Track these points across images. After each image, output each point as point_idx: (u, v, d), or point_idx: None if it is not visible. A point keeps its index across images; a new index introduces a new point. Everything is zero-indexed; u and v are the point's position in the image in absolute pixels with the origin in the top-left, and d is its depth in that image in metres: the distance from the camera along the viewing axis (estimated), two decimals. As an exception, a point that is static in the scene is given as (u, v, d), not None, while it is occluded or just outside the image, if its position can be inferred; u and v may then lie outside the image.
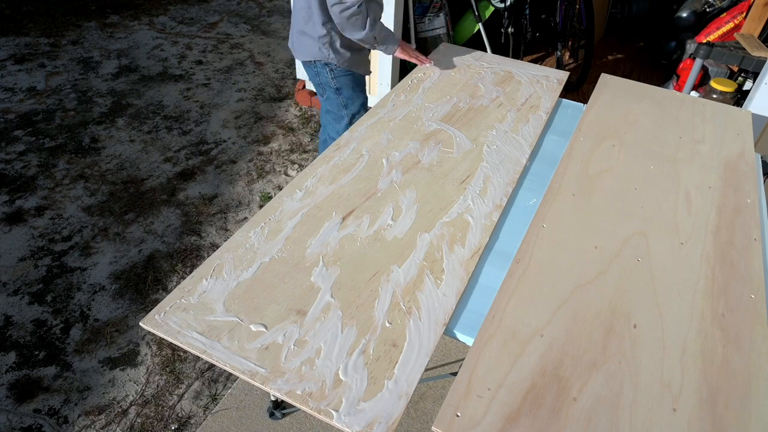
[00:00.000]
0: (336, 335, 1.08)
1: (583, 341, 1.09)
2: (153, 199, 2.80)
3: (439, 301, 1.16)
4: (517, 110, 1.83)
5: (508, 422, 0.94)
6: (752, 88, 2.63)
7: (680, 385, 1.02)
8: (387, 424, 0.93)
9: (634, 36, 4.44)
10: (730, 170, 1.62)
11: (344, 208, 1.39)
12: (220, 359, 1.02)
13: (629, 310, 1.16)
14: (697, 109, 1.92)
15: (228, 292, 1.16)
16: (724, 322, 1.15)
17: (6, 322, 2.16)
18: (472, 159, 1.59)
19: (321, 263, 1.23)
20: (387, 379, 1.00)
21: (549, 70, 2.10)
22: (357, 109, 2.18)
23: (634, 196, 1.49)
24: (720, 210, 1.46)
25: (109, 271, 2.39)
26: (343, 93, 2.11)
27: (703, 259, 1.30)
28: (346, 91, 2.10)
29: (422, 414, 1.86)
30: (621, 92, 1.98)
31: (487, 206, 1.42)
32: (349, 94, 2.12)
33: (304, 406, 0.96)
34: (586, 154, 1.64)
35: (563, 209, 1.43)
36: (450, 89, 1.93)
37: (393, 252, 1.27)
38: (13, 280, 2.33)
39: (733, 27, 3.19)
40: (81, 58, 4.10)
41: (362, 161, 1.56)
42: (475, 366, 1.03)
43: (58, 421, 1.85)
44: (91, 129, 3.33)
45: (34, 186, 2.85)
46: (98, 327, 2.15)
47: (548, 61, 4.00)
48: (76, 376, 1.99)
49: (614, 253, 1.30)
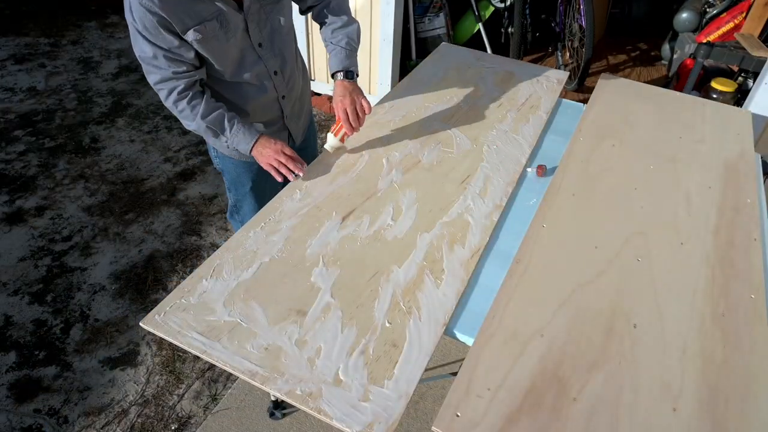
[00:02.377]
0: (336, 335, 1.08)
1: (583, 341, 1.09)
2: (153, 199, 2.80)
3: (439, 301, 1.16)
4: (517, 110, 1.83)
5: (508, 422, 0.94)
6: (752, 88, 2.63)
7: (680, 385, 1.02)
8: (387, 424, 0.93)
9: (634, 36, 4.44)
10: (730, 170, 1.62)
11: (344, 208, 1.39)
12: (220, 359, 1.02)
13: (629, 310, 1.16)
14: (697, 109, 1.92)
15: (228, 292, 1.15)
16: (724, 322, 1.15)
17: (6, 322, 2.16)
18: (472, 159, 1.59)
19: (321, 263, 1.23)
20: (387, 379, 1.00)
21: (549, 70, 2.10)
22: (240, 197, 1.80)
23: (634, 196, 1.49)
24: (720, 210, 1.46)
25: (109, 271, 2.39)
26: (226, 176, 1.78)
27: (703, 259, 1.30)
28: (228, 175, 1.76)
29: (422, 414, 1.86)
30: (621, 92, 1.98)
31: (487, 206, 1.42)
32: (231, 179, 1.76)
33: (304, 406, 0.96)
34: (586, 154, 1.64)
35: (563, 209, 1.43)
36: (450, 89, 1.93)
37: (393, 252, 1.27)
38: (13, 280, 2.33)
39: (733, 27, 3.19)
40: (81, 58, 4.10)
41: (362, 161, 1.56)
42: (475, 366, 1.03)
43: (58, 421, 1.85)
44: (91, 129, 3.33)
45: (34, 186, 2.85)
46: (98, 327, 2.15)
47: (548, 61, 4.00)
48: (76, 376, 1.98)
49: (614, 253, 1.30)
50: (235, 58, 1.43)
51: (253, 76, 1.48)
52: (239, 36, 1.39)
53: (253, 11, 1.39)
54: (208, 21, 1.31)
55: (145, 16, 1.24)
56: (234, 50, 1.41)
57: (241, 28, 1.39)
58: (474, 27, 3.61)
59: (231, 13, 1.34)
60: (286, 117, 1.64)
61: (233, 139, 1.45)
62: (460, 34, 3.69)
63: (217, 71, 1.43)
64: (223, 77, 1.45)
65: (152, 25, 1.26)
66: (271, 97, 1.56)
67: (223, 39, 1.36)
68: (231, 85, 1.49)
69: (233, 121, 1.44)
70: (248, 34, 1.41)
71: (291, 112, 1.66)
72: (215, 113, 1.42)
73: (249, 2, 1.36)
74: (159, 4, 1.22)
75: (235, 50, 1.41)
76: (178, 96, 1.38)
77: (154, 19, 1.24)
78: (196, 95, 1.40)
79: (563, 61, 3.76)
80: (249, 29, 1.40)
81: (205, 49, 1.35)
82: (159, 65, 1.34)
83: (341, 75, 1.53)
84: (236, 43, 1.40)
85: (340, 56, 1.54)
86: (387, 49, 3.11)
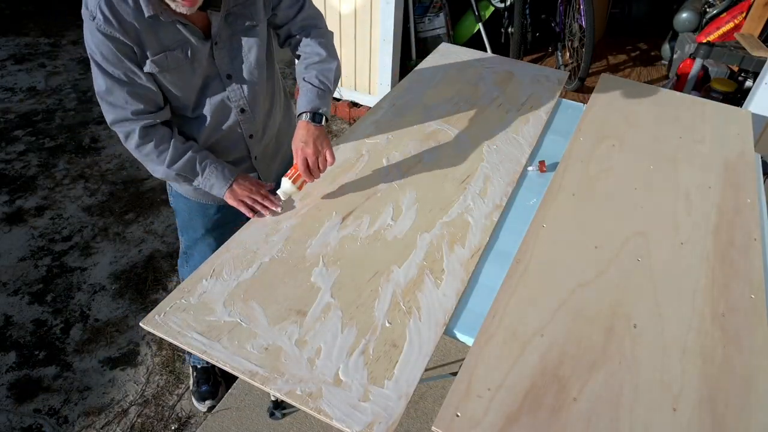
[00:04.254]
0: (336, 335, 1.08)
1: (583, 341, 1.09)
2: (153, 199, 2.80)
3: (439, 301, 1.16)
4: (517, 110, 1.83)
5: (508, 422, 0.94)
6: (752, 88, 2.63)
7: (680, 385, 1.02)
8: (387, 424, 0.93)
9: (634, 36, 4.44)
10: (730, 170, 1.62)
11: (344, 208, 1.39)
12: (220, 359, 1.02)
13: (629, 310, 1.16)
14: (697, 109, 1.92)
15: (228, 293, 1.15)
16: (724, 322, 1.15)
17: (6, 322, 2.16)
18: (472, 159, 1.59)
19: (321, 263, 1.23)
20: (387, 379, 1.00)
21: (549, 70, 2.10)
22: (191, 243, 1.65)
23: (634, 196, 1.49)
24: (720, 210, 1.46)
25: (109, 271, 2.39)
26: (177, 217, 1.64)
27: (703, 259, 1.30)
28: (180, 217, 1.63)
29: (422, 414, 1.86)
30: (621, 92, 1.98)
31: (487, 206, 1.42)
32: (183, 221, 1.63)
33: (304, 406, 0.96)
34: (586, 154, 1.64)
35: (563, 209, 1.43)
36: (450, 89, 1.93)
37: (393, 252, 1.27)
38: (13, 280, 2.33)
39: (733, 27, 3.19)
40: (81, 58, 4.09)
41: (362, 161, 1.56)
42: (475, 366, 1.03)
43: (58, 421, 1.85)
44: (91, 129, 3.33)
45: (34, 186, 2.85)
46: (98, 327, 2.15)
47: (548, 61, 4.00)
48: (76, 376, 1.98)
49: (614, 253, 1.30)
50: (198, 88, 1.31)
51: (216, 110, 1.35)
52: (204, 66, 1.28)
53: (223, 38, 1.28)
54: (171, 50, 1.20)
55: (103, 44, 1.14)
56: (198, 81, 1.30)
57: (207, 56, 1.27)
58: (474, 27, 3.61)
59: (198, 41, 1.23)
60: (256, 158, 1.51)
61: (206, 183, 1.32)
62: (460, 34, 3.69)
63: (179, 103, 1.32)
64: (186, 112, 1.34)
65: (111, 52, 1.15)
66: (235, 136, 1.42)
67: (188, 70, 1.25)
68: (192, 120, 1.36)
69: (205, 163, 1.31)
70: (215, 63, 1.29)
71: (262, 153, 1.52)
72: (185, 158, 1.28)
73: (217, 28, 1.25)
74: (119, 28, 1.13)
75: (199, 81, 1.30)
76: (141, 140, 1.25)
77: (112, 45, 1.14)
78: (163, 138, 1.27)
79: (563, 61, 3.76)
80: (216, 58, 1.28)
81: (167, 81, 1.25)
82: (115, 102, 1.22)
83: (307, 116, 1.33)
84: (201, 72, 1.28)
85: (310, 95, 1.35)
86: (387, 49, 3.11)
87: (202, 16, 1.22)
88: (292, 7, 1.39)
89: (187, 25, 1.20)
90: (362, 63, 3.29)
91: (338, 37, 3.25)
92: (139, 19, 1.14)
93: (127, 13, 1.13)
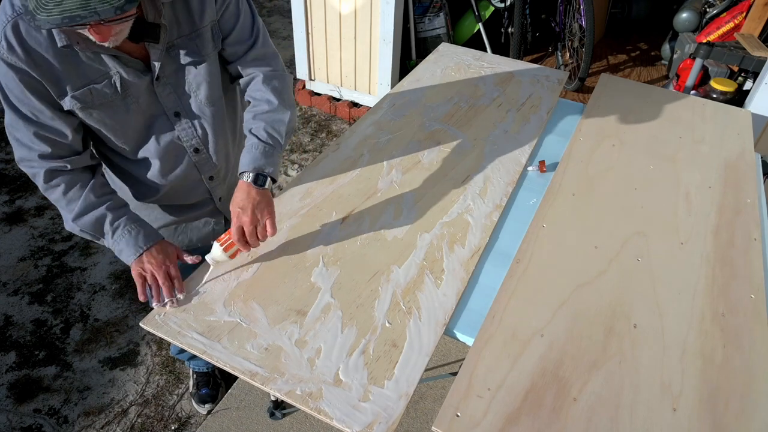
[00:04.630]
0: (336, 335, 1.08)
1: (583, 341, 1.09)
2: (153, 199, 2.80)
3: (439, 301, 1.16)
4: (517, 110, 1.83)
5: (508, 422, 0.94)
6: (752, 88, 2.63)
7: (680, 385, 1.02)
8: (387, 424, 0.93)
9: (634, 36, 4.44)
10: (730, 170, 1.62)
11: (344, 208, 1.39)
12: (220, 359, 1.02)
13: (629, 310, 1.16)
14: (697, 109, 1.92)
15: (228, 292, 1.15)
16: (724, 322, 1.15)
17: (6, 322, 2.16)
18: (472, 159, 1.59)
19: (321, 263, 1.23)
20: (387, 379, 1.00)
21: (549, 70, 2.10)
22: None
23: (634, 196, 1.49)
24: (720, 210, 1.46)
25: (109, 271, 2.39)
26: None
27: (703, 259, 1.30)
28: None
29: (422, 414, 1.86)
30: (621, 92, 1.98)
31: (487, 206, 1.42)
32: None
33: (304, 407, 0.96)
34: (586, 154, 1.64)
35: (563, 209, 1.43)
36: (450, 89, 1.93)
37: (393, 252, 1.27)
38: (13, 280, 2.33)
39: (733, 27, 3.19)
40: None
41: (362, 161, 1.56)
42: (475, 366, 1.03)
43: (58, 421, 1.85)
44: (91, 129, 3.33)
45: (34, 186, 2.85)
46: (98, 327, 2.15)
47: (548, 61, 4.00)
48: (76, 376, 1.99)
49: (614, 253, 1.30)
50: (140, 128, 1.16)
51: (165, 151, 1.20)
52: (144, 102, 1.12)
53: (167, 73, 1.12)
54: (96, 84, 1.04)
55: (8, 74, 0.97)
56: (138, 120, 1.14)
57: (146, 92, 1.12)
58: (474, 27, 3.61)
59: (132, 74, 1.07)
60: (220, 200, 1.39)
61: (115, 247, 1.12)
62: (460, 34, 3.69)
63: (116, 145, 1.16)
64: (127, 154, 1.19)
65: (15, 85, 0.98)
66: (193, 178, 1.29)
67: (120, 106, 1.09)
68: (138, 162, 1.21)
69: (118, 223, 1.11)
70: (158, 100, 1.14)
71: (228, 195, 1.34)
72: (93, 213, 1.10)
73: (160, 60, 1.09)
74: (25, 59, 0.96)
75: (139, 119, 1.14)
76: (45, 184, 1.08)
77: (17, 77, 0.98)
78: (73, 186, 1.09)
79: (563, 61, 3.76)
80: (159, 94, 1.13)
81: (94, 119, 1.09)
82: (21, 139, 1.04)
83: (249, 176, 1.14)
84: (140, 110, 1.13)
85: (254, 152, 1.15)
86: (387, 49, 3.11)
87: (140, 47, 1.07)
88: (242, 44, 1.21)
89: (119, 57, 1.05)
90: (362, 63, 3.29)
91: (338, 37, 3.25)
92: (54, 50, 0.98)
93: (38, 43, 0.96)
